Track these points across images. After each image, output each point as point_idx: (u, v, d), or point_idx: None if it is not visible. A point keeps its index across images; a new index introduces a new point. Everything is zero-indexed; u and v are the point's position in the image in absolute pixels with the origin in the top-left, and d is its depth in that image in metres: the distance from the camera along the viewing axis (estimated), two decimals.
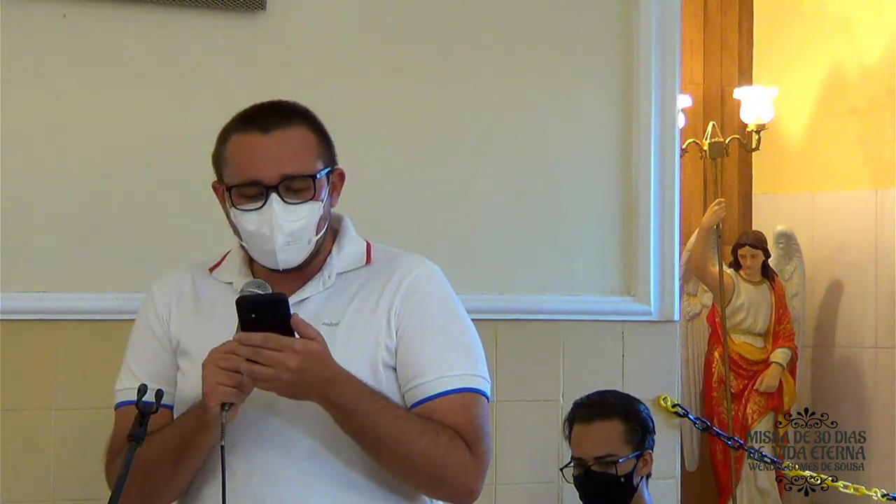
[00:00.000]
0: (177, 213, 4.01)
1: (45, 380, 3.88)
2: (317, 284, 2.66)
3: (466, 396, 2.62)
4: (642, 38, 4.46)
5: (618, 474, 3.89)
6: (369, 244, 2.73)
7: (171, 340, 2.71)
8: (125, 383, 2.75)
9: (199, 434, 2.57)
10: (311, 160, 2.63)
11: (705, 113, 7.76)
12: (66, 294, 3.90)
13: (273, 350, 2.46)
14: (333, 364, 2.51)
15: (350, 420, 2.53)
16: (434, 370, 2.61)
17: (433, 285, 2.69)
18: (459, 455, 2.58)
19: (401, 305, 2.63)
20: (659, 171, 4.48)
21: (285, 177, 2.59)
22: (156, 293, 2.76)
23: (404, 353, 2.62)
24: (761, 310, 7.31)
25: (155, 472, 2.63)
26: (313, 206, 2.62)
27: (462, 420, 2.60)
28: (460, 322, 2.69)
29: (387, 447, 2.55)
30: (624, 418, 3.94)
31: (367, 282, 2.67)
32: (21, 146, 3.87)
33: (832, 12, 7.51)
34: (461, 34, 4.32)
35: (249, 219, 2.61)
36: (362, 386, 2.54)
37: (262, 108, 2.69)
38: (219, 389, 2.49)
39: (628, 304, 4.47)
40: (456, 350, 2.64)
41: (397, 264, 2.69)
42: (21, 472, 3.84)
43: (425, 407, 2.60)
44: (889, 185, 7.20)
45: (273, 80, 4.09)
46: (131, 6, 3.96)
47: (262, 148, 2.61)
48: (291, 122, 2.65)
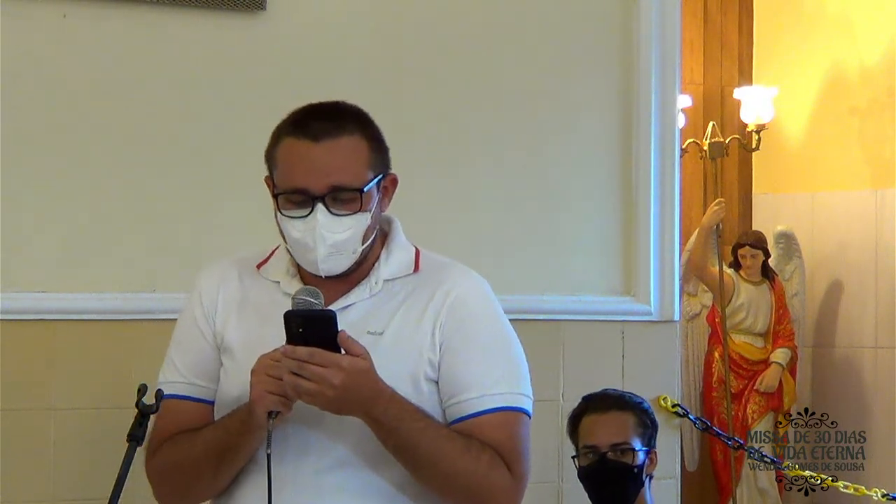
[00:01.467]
0: (177, 213, 4.01)
1: (45, 380, 3.88)
2: (363, 291, 2.65)
3: (508, 415, 2.61)
4: (642, 38, 4.46)
5: (632, 464, 3.89)
6: (418, 251, 2.72)
7: (215, 335, 2.70)
8: (168, 376, 2.73)
9: (243, 438, 2.56)
10: (360, 171, 2.61)
11: (705, 113, 7.76)
12: (66, 294, 3.90)
13: (318, 366, 2.46)
14: (378, 381, 2.50)
15: (392, 437, 2.52)
16: (477, 387, 2.59)
17: (480, 301, 2.67)
18: (499, 475, 2.58)
19: (446, 320, 2.61)
20: (659, 171, 4.48)
21: (333, 188, 2.58)
22: (202, 286, 2.74)
23: (447, 368, 2.60)
24: (761, 310, 7.31)
25: (197, 471, 2.63)
26: (360, 218, 2.60)
27: (503, 439, 2.59)
28: (506, 339, 2.67)
29: (427, 465, 2.54)
30: (638, 413, 3.95)
31: (413, 291, 2.65)
32: (21, 146, 3.87)
33: (832, 12, 7.51)
34: (461, 34, 4.32)
35: (295, 226, 2.60)
36: (406, 404, 2.53)
37: (316, 112, 2.66)
38: (267, 398, 2.48)
39: (628, 304, 4.47)
40: (500, 367, 2.63)
41: (445, 276, 2.67)
42: (21, 472, 3.84)
43: (466, 424, 2.58)
44: (889, 185, 7.20)
45: (273, 80, 4.10)
46: (131, 6, 3.96)
47: (311, 157, 2.59)
48: (344, 130, 2.62)
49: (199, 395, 2.69)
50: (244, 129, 4.09)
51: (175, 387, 2.69)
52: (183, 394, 2.69)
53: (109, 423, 3.79)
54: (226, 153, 4.08)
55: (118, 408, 3.76)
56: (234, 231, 4.05)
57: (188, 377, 2.69)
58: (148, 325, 3.94)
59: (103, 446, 3.71)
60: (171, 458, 2.64)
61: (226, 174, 4.07)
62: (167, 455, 2.65)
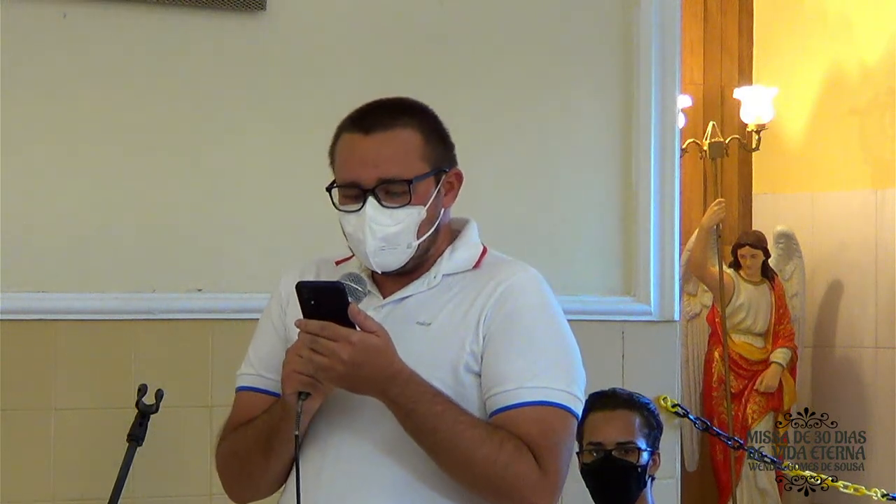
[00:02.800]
0: (177, 213, 4.01)
1: (45, 380, 3.88)
2: (421, 284, 2.63)
3: (546, 410, 2.54)
4: (642, 38, 4.46)
5: (636, 463, 3.90)
6: (486, 250, 2.69)
7: (285, 329, 2.68)
8: (243, 369, 2.73)
9: (283, 422, 2.54)
10: (411, 164, 2.59)
11: (705, 113, 7.76)
12: (66, 294, 3.90)
13: (329, 339, 2.44)
14: (395, 360, 2.47)
15: (410, 419, 2.49)
16: (514, 380, 2.54)
17: (530, 293, 2.62)
18: (524, 467, 2.51)
19: (492, 311, 2.57)
20: (659, 171, 4.48)
21: (382, 180, 2.56)
22: (282, 282, 2.73)
23: (489, 359, 2.56)
24: (761, 310, 7.30)
25: (248, 458, 2.62)
26: (411, 211, 2.58)
27: (535, 432, 2.52)
28: (556, 334, 2.62)
29: (446, 450, 2.50)
30: (644, 414, 3.95)
31: (468, 285, 2.62)
32: (21, 146, 3.87)
33: (832, 12, 7.51)
34: (461, 34, 4.32)
35: (349, 220, 2.59)
36: (425, 386, 2.49)
37: (373, 107, 2.65)
38: (293, 377, 2.48)
39: (628, 304, 4.47)
40: (543, 361, 2.57)
41: (499, 270, 2.63)
42: (21, 472, 3.84)
43: (502, 416, 2.53)
44: (889, 185, 7.20)
45: (273, 80, 4.10)
46: (131, 6, 3.96)
47: (361, 150, 2.58)
48: (397, 123, 2.60)
49: (268, 388, 2.67)
50: (244, 128, 4.09)
51: (247, 378, 2.70)
52: (252, 385, 2.69)
53: (109, 423, 3.80)
54: (226, 153, 4.08)
55: (118, 408, 3.78)
56: (234, 231, 4.05)
57: (258, 370, 2.69)
58: (148, 325, 3.95)
59: (103, 446, 3.71)
60: (231, 448, 2.65)
61: (226, 174, 4.07)
62: (228, 445, 2.65)
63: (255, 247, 4.04)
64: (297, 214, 4.03)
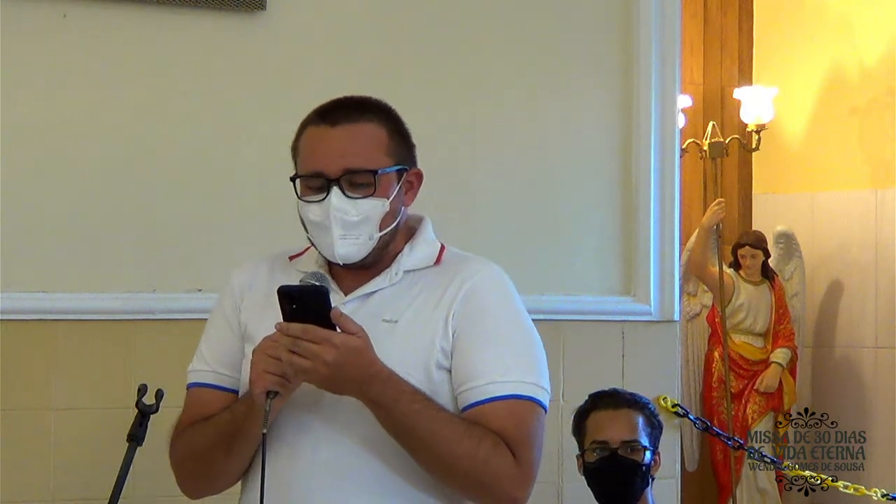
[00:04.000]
0: (177, 213, 4.01)
1: (45, 380, 3.89)
2: (383, 280, 2.66)
3: (517, 403, 2.59)
4: (642, 38, 4.46)
5: (641, 462, 3.90)
6: (443, 247, 2.73)
7: (240, 325, 2.72)
8: (195, 365, 2.75)
9: (248, 421, 2.57)
10: (376, 156, 2.63)
11: (705, 113, 7.76)
12: (66, 294, 3.90)
13: (311, 342, 2.46)
14: (375, 361, 2.50)
15: (389, 418, 2.52)
16: (486, 375, 2.58)
17: (496, 289, 2.66)
18: (502, 461, 2.55)
19: (459, 307, 2.61)
20: (659, 171, 4.48)
21: (347, 170, 2.60)
22: (234, 278, 2.77)
23: (459, 355, 2.60)
24: (761, 310, 7.30)
25: (209, 456, 2.64)
26: (375, 203, 2.62)
27: (509, 426, 2.57)
28: (521, 329, 2.66)
29: (426, 448, 2.53)
30: (647, 413, 3.96)
31: (431, 282, 2.66)
32: (21, 146, 3.87)
33: (832, 12, 7.51)
34: (461, 35, 4.32)
35: (312, 210, 2.63)
36: (403, 385, 2.53)
37: (339, 102, 2.70)
38: (264, 377, 2.50)
39: (628, 304, 4.47)
40: (512, 357, 2.61)
41: (462, 267, 2.67)
42: (21, 472, 3.84)
43: (474, 411, 2.57)
44: (889, 185, 7.20)
45: (273, 80, 4.10)
46: (131, 6, 3.96)
47: (327, 141, 2.63)
48: (363, 117, 2.66)
49: (224, 384, 2.71)
50: (244, 128, 4.09)
51: (200, 375, 2.72)
52: (207, 382, 2.70)
53: (109, 423, 3.80)
54: (226, 153, 4.08)
55: (118, 408, 3.78)
56: (234, 231, 4.05)
57: (213, 366, 2.71)
58: (148, 325, 3.95)
59: (103, 446, 3.71)
60: (187, 445, 2.66)
61: (226, 174, 4.07)
62: (184, 442, 2.66)
63: (255, 247, 4.03)
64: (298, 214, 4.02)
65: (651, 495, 3.99)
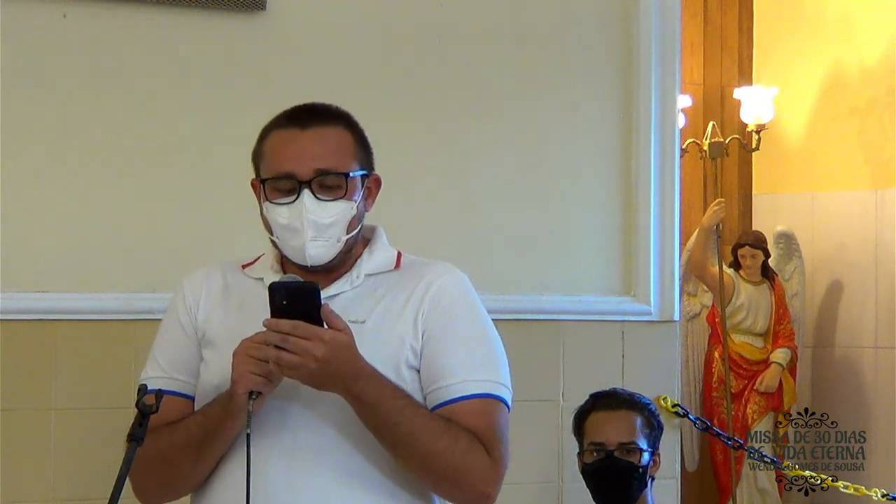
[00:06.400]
0: (177, 213, 4.02)
1: (45, 380, 3.89)
2: (345, 283, 2.69)
3: (488, 402, 2.65)
4: (642, 38, 4.46)
5: (638, 464, 3.90)
6: (399, 253, 2.77)
7: (196, 331, 2.74)
8: (149, 372, 2.77)
9: (223, 423, 2.59)
10: (346, 159, 2.67)
11: (705, 113, 7.76)
12: (66, 294, 3.90)
13: (301, 338, 2.49)
14: (359, 358, 2.54)
15: (372, 415, 2.56)
16: (458, 374, 2.64)
17: (461, 293, 2.72)
18: (477, 458, 2.61)
19: (428, 309, 2.66)
20: (659, 171, 4.48)
21: (319, 171, 2.64)
22: (186, 285, 2.79)
23: (429, 355, 2.65)
24: (761, 310, 7.31)
25: (177, 461, 2.65)
26: (345, 205, 2.65)
27: (482, 424, 2.63)
28: (486, 331, 2.72)
29: (406, 444, 2.58)
30: (646, 414, 3.97)
31: (394, 285, 2.70)
32: (21, 146, 3.87)
33: (832, 12, 7.51)
34: (461, 34, 4.32)
35: (281, 213, 2.65)
36: (386, 382, 2.57)
37: (303, 108, 2.74)
38: (248, 377, 2.52)
39: (628, 304, 4.47)
40: (480, 357, 2.68)
41: (426, 271, 2.72)
42: (21, 472, 3.84)
43: (447, 409, 2.63)
44: (889, 185, 7.20)
45: (273, 80, 4.10)
46: (131, 6, 3.96)
47: (298, 143, 2.66)
48: (331, 121, 2.70)
49: (180, 390, 2.72)
50: (244, 128, 4.07)
51: (156, 381, 2.71)
52: (165, 388, 2.69)
53: (109, 423, 3.79)
54: (226, 153, 4.07)
55: (118, 408, 3.77)
56: (234, 231, 4.04)
57: (169, 372, 2.73)
58: (148, 325, 3.93)
59: (103, 446, 3.70)
60: (152, 451, 2.65)
61: (226, 174, 4.07)
62: (148, 448, 2.64)
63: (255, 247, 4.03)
64: None
65: (651, 495, 3.99)
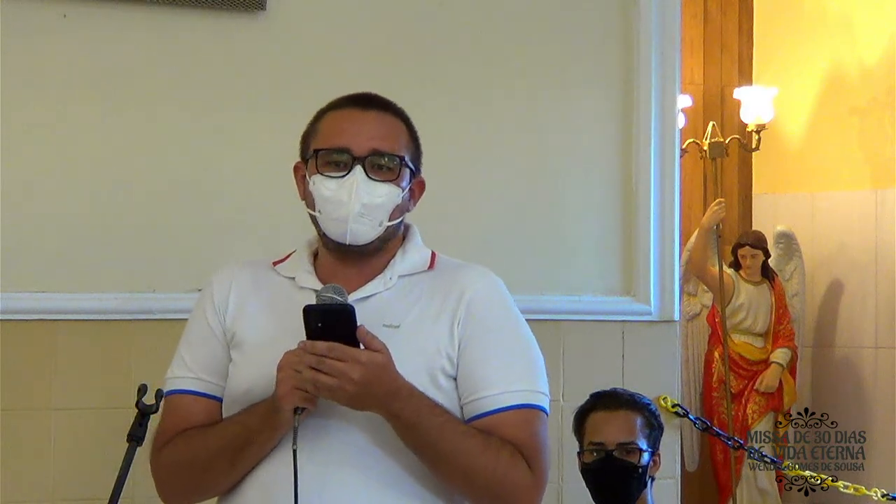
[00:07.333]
0: (176, 213, 4.01)
1: (45, 380, 3.89)
2: (379, 284, 2.65)
3: (528, 413, 2.61)
4: (642, 38, 4.46)
5: (637, 464, 3.90)
6: (434, 253, 2.73)
7: (225, 332, 2.69)
8: (176, 372, 2.72)
9: (263, 434, 2.55)
10: (401, 146, 2.66)
11: (705, 113, 7.76)
12: (66, 294, 3.90)
13: (337, 360, 2.46)
14: (397, 377, 2.50)
15: (412, 433, 2.52)
16: (497, 384, 2.59)
17: (497, 300, 2.67)
18: (519, 472, 2.57)
19: (465, 316, 2.61)
20: (659, 171, 4.48)
21: (374, 151, 2.62)
22: (215, 284, 2.73)
23: (467, 364, 2.60)
24: (761, 310, 7.31)
25: (210, 467, 2.61)
26: (394, 190, 2.63)
27: (523, 437, 2.58)
28: (523, 337, 2.68)
29: (447, 461, 2.53)
30: (646, 414, 3.96)
31: (429, 288, 2.66)
32: (21, 146, 3.87)
33: (832, 12, 7.51)
34: (461, 34, 4.32)
35: (329, 185, 2.62)
36: (424, 399, 2.53)
37: (365, 94, 2.73)
38: (294, 394, 2.49)
39: (628, 304, 4.47)
40: (519, 365, 2.63)
41: (462, 274, 2.68)
42: (21, 472, 3.84)
43: (486, 421, 2.58)
44: (889, 185, 7.20)
45: (273, 80, 4.10)
46: (131, 6, 3.96)
47: (358, 120, 2.64)
48: (390, 110, 2.69)
49: (207, 391, 2.68)
50: (244, 128, 4.09)
51: (183, 382, 2.68)
52: (191, 389, 2.67)
53: (109, 423, 3.80)
54: (226, 153, 4.08)
55: (118, 408, 3.77)
56: (234, 231, 4.05)
57: (196, 373, 2.68)
58: (148, 325, 3.95)
59: (103, 446, 3.71)
60: (183, 454, 2.63)
61: (226, 173, 4.07)
62: (178, 451, 2.63)
63: (256, 247, 4.04)
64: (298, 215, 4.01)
65: (651, 495, 3.99)
